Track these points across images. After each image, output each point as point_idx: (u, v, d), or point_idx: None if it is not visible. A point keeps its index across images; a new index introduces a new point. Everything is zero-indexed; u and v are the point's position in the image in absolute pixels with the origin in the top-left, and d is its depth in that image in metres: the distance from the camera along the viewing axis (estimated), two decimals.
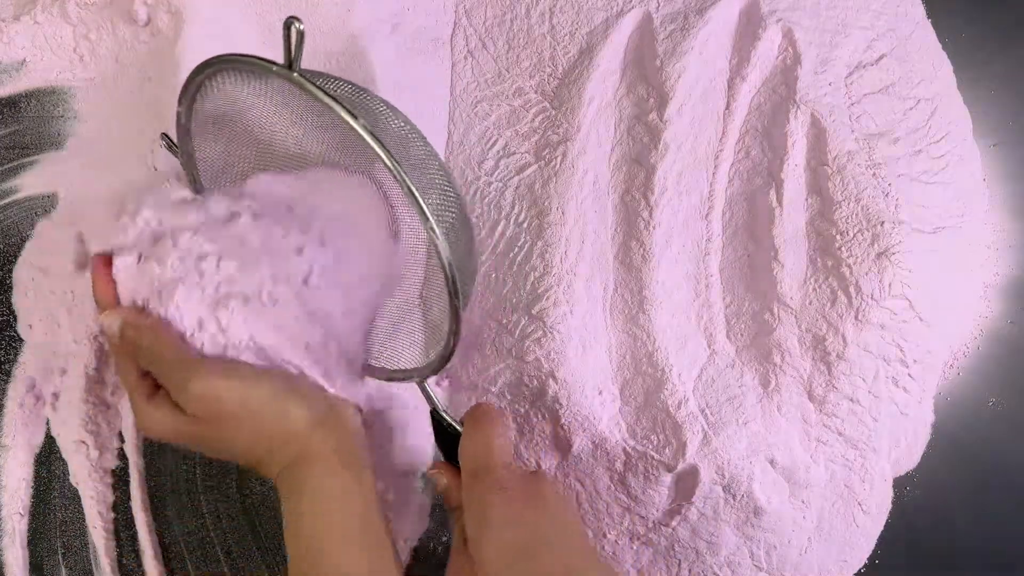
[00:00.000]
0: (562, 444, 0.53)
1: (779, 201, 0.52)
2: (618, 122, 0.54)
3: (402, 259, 0.47)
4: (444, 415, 0.46)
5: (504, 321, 0.53)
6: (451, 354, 0.44)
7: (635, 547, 0.55)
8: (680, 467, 0.52)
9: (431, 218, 0.38)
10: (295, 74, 0.38)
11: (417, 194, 0.38)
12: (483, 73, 0.57)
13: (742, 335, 0.53)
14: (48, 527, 0.57)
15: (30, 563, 0.56)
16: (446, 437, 0.47)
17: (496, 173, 0.55)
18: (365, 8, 0.55)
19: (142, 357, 0.40)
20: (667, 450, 0.52)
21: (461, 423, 0.45)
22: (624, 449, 0.52)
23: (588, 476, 0.54)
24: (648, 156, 0.52)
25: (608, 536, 0.55)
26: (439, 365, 0.45)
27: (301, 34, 0.37)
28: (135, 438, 0.58)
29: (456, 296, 0.40)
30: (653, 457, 0.52)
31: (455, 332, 0.42)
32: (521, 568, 0.39)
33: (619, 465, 0.53)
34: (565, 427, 0.52)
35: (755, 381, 0.52)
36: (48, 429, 0.57)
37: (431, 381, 0.47)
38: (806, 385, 0.52)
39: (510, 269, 0.53)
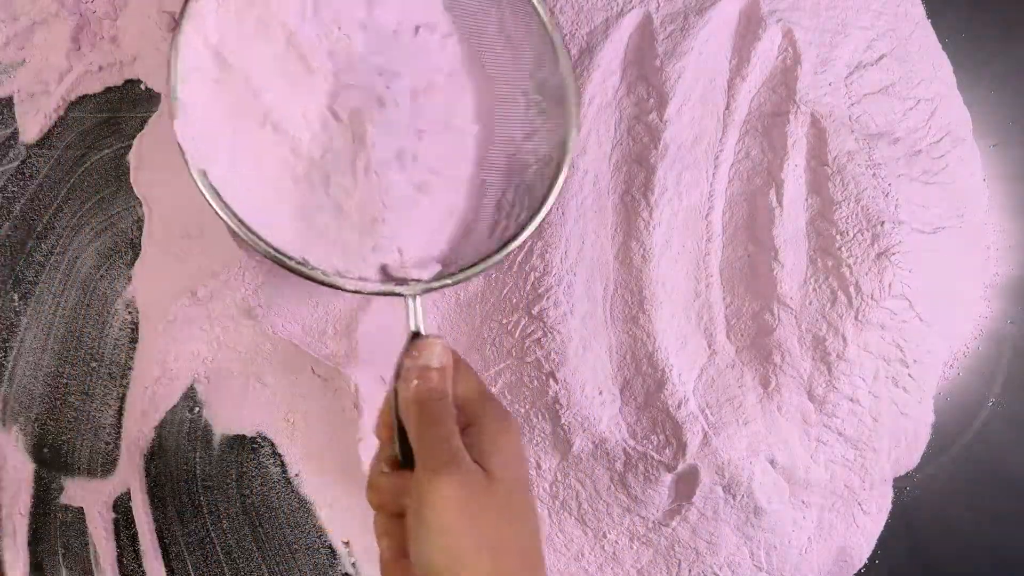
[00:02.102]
0: (562, 444, 0.53)
1: (779, 201, 0.52)
2: (618, 122, 0.54)
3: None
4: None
5: (504, 321, 0.53)
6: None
7: (635, 547, 0.55)
8: (680, 467, 0.52)
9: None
10: None
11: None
12: None
13: (742, 335, 0.53)
14: (48, 527, 0.57)
15: (30, 563, 0.56)
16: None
17: None
18: None
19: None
20: (667, 450, 0.52)
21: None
22: (624, 449, 0.52)
23: (588, 476, 0.54)
24: (648, 156, 0.52)
25: (608, 536, 0.55)
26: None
27: None
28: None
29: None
30: (653, 457, 0.52)
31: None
32: None
33: (619, 465, 0.53)
34: (565, 427, 0.52)
35: (755, 381, 0.52)
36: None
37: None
38: (806, 385, 0.52)
39: (510, 269, 0.53)
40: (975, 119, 0.57)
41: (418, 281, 0.43)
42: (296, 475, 0.58)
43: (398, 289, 0.43)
